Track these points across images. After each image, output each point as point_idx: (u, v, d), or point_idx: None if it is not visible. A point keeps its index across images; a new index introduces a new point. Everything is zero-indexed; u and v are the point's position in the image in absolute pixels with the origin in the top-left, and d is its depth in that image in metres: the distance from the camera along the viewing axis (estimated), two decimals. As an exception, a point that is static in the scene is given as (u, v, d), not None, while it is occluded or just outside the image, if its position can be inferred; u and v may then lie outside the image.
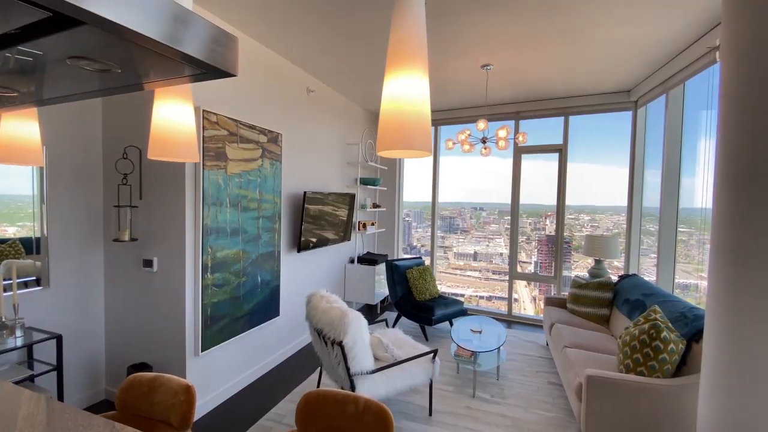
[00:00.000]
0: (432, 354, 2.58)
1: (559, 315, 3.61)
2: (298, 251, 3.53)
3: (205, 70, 0.52)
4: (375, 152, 5.17)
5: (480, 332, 3.29)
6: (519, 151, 4.77)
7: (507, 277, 4.93)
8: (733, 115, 1.49)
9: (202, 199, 2.52)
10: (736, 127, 1.48)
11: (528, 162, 4.81)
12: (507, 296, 4.94)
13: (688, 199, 3.45)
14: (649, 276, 3.96)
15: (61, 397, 2.33)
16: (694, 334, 2.18)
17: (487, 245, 5.30)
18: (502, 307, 5.06)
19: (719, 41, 2.50)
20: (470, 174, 5.47)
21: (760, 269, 1.37)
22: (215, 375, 2.75)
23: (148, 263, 2.59)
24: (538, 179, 4.78)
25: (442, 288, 5.50)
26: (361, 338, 2.25)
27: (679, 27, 2.60)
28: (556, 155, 4.61)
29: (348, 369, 2.21)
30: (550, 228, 4.67)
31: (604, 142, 4.79)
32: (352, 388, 2.22)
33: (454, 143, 3.60)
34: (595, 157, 4.74)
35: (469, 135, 3.45)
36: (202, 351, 2.58)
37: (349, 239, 4.51)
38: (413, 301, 4.24)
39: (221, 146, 2.66)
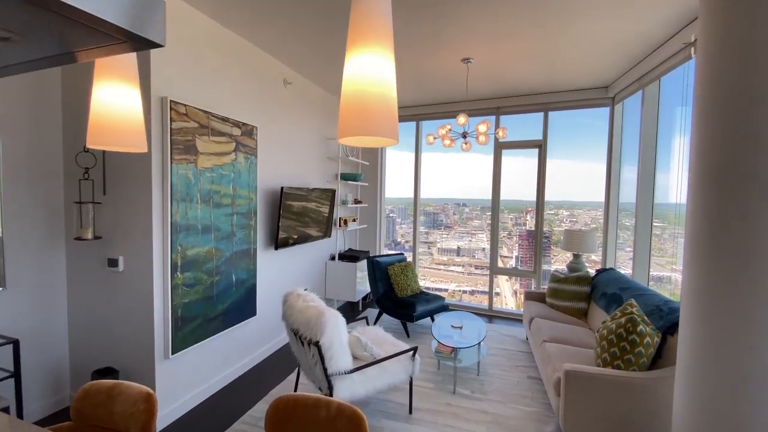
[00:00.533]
0: (412, 351, 2.54)
1: (539, 309, 3.64)
2: (276, 248, 3.44)
3: (123, 39, 0.44)
4: (357, 147, 5.09)
5: (461, 328, 3.28)
6: (499, 147, 4.78)
7: (488, 272, 4.96)
8: (708, 111, 1.49)
9: (170, 194, 2.40)
10: (710, 123, 1.48)
11: (508, 158, 4.82)
12: (488, 290, 4.97)
13: (662, 194, 3.52)
14: (625, 269, 4.04)
15: (20, 405, 2.18)
16: (669, 327, 2.21)
17: (470, 240, 5.36)
18: (484, 302, 5.09)
19: (695, 37, 2.53)
20: (453, 170, 5.51)
21: (733, 261, 1.37)
22: (188, 378, 2.64)
23: (113, 263, 2.45)
24: (519, 175, 4.82)
25: (425, 284, 5.52)
26: (338, 338, 2.19)
27: (660, 20, 2.61)
28: (535, 151, 4.63)
29: (325, 370, 2.15)
30: (531, 223, 4.74)
31: (583, 139, 4.85)
32: (330, 388, 2.16)
33: (434, 138, 3.56)
34: (574, 153, 4.79)
35: (450, 130, 3.41)
36: (172, 354, 2.46)
37: (329, 236, 4.43)
38: (395, 297, 4.21)
39: (191, 139, 2.54)
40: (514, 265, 5.08)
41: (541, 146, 4.57)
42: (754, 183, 1.33)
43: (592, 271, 3.85)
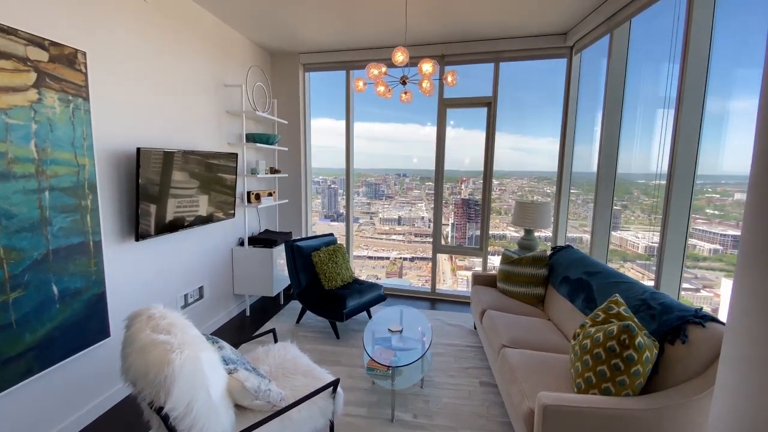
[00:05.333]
0: (332, 387, 1.76)
1: (490, 297, 3.08)
2: (138, 239, 2.38)
3: None
4: (268, 99, 4.01)
5: (400, 331, 2.59)
6: (444, 105, 4.03)
7: (428, 239, 4.61)
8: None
9: None
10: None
11: (451, 123, 4.12)
12: (429, 256, 4.41)
13: (625, 165, 3.07)
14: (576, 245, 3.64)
15: None
16: (666, 333, 1.68)
17: (410, 210, 5.42)
18: (423, 267, 4.88)
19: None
20: (391, 139, 5.07)
21: None
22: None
23: None
24: (454, 142, 4.20)
25: (368, 252, 5.32)
26: (201, 395, 1.32)
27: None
28: (483, 111, 3.96)
29: (181, 449, 1.29)
30: (465, 192, 4.71)
31: (536, 97, 4.31)
32: (193, 474, 1.32)
33: (365, 84, 2.67)
34: (518, 116, 4.26)
35: (385, 72, 2.54)
36: None
37: (233, 215, 3.41)
38: (321, 290, 3.39)
39: None
40: (450, 233, 4.76)
41: (490, 104, 3.90)
42: None
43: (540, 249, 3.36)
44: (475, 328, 3.51)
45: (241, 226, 3.71)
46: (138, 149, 2.27)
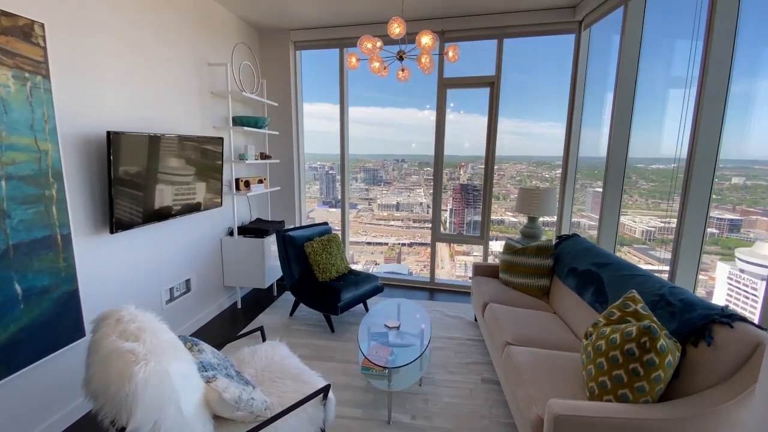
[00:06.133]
0: (322, 393, 1.62)
1: (492, 289, 2.93)
2: (114, 231, 2.20)
3: None
4: (256, 79, 3.78)
5: (398, 327, 2.44)
6: (444, 85, 3.81)
7: (426, 225, 4.65)
8: None
9: None
10: None
11: (451, 106, 3.89)
12: (427, 242, 4.32)
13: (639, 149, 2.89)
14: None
15: None
16: (689, 334, 1.53)
17: (408, 196, 5.40)
18: (422, 253, 4.86)
19: None
20: (390, 124, 4.93)
21: None
22: None
23: None
24: (453, 127, 4.01)
25: (367, 238, 5.34)
26: (170, 412, 1.17)
27: None
28: (485, 92, 3.74)
29: (149, 472, 1.14)
30: (464, 177, 4.63)
31: (540, 79, 4.09)
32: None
33: (358, 59, 2.45)
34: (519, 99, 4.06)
35: (380, 47, 2.32)
36: None
37: (220, 204, 3.23)
38: (314, 282, 3.24)
39: None
40: (448, 219, 4.64)
41: (493, 84, 3.68)
42: None
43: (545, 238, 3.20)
44: (475, 319, 3.38)
45: (230, 215, 3.52)
46: (108, 133, 2.07)
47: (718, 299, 2.46)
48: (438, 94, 3.82)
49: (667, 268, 2.29)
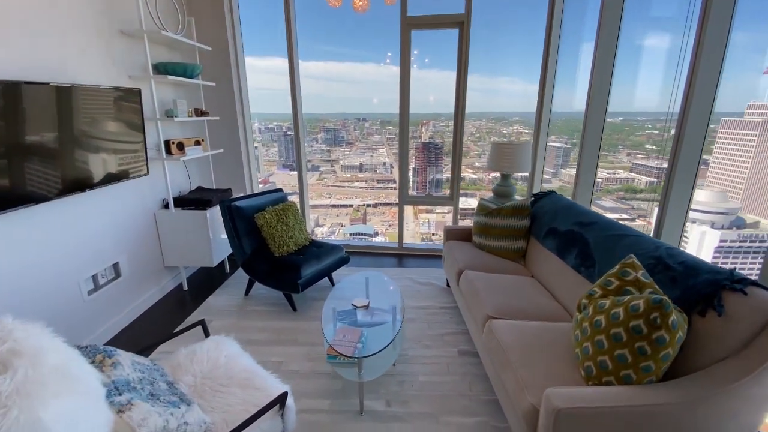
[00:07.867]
0: (278, 404, 1.32)
1: (465, 254, 2.72)
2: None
3: None
4: (181, 17, 3.09)
5: (367, 306, 2.16)
6: (408, 25, 3.32)
7: (391, 185, 4.62)
8: None
9: None
10: None
11: (415, 53, 3.44)
12: (392, 201, 4.26)
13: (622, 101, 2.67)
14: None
15: None
16: (694, 303, 1.36)
17: (371, 156, 5.31)
18: (387, 213, 4.92)
19: None
20: (349, 80, 4.67)
21: None
22: None
23: None
24: (425, 84, 3.67)
25: (331, 201, 5.24)
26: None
27: None
28: (455, 34, 3.31)
29: None
30: (425, 136, 4.56)
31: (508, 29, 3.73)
32: None
33: (302, -17, 1.94)
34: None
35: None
36: None
37: (146, 172, 2.68)
38: (270, 257, 2.86)
39: None
40: (412, 178, 4.35)
41: (463, 24, 3.25)
42: None
43: (519, 197, 3.00)
44: (447, 285, 3.20)
45: (163, 184, 2.97)
46: (-49, 78, 1.48)
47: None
48: (401, 37, 3.34)
49: (615, 216, 2.23)
